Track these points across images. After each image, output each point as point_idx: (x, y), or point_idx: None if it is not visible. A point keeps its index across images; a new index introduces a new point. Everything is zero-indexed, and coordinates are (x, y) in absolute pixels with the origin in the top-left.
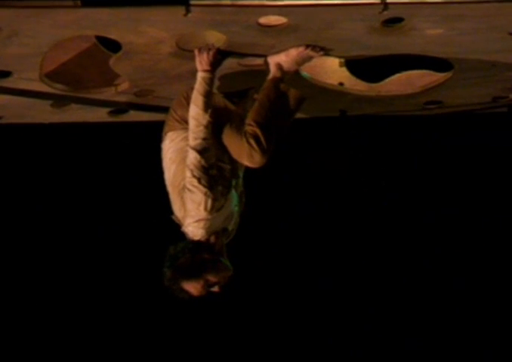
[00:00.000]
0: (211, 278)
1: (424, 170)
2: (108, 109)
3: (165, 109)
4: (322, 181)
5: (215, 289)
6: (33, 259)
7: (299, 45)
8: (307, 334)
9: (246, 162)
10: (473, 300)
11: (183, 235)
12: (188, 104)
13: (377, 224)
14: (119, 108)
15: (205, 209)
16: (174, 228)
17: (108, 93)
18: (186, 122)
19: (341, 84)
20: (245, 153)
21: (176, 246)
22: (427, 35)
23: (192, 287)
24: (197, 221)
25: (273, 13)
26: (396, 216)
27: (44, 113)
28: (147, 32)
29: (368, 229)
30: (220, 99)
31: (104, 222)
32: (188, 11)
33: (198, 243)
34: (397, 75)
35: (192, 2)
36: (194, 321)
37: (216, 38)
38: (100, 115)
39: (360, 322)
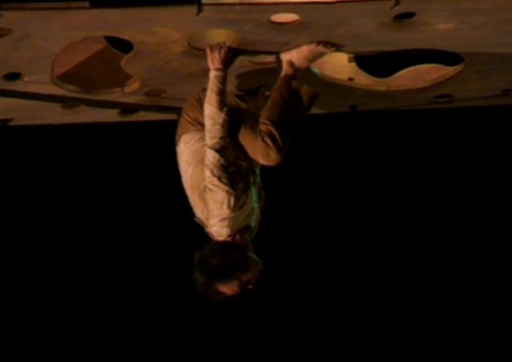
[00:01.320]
0: (245, 276)
1: (434, 164)
2: (118, 109)
3: (176, 109)
4: (332, 177)
5: (249, 286)
6: (43, 259)
7: (311, 42)
8: (320, 332)
9: (262, 160)
10: (476, 298)
11: (207, 236)
12: (200, 106)
13: (387, 219)
14: (130, 108)
15: (228, 207)
16: (186, 228)
17: (119, 94)
18: (200, 123)
19: (351, 79)
20: (261, 152)
21: (202, 250)
22: (438, 29)
23: (228, 288)
24: (221, 220)
25: (285, 11)
26: (404, 211)
27: (54, 114)
28: (159, 32)
29: (377, 225)
30: (231, 98)
31: (114, 221)
32: (200, 10)
33: (224, 243)
34: (407, 70)
35: (203, 1)
36: (203, 319)
37: (228, 36)
38: (111, 115)
39: (370, 319)
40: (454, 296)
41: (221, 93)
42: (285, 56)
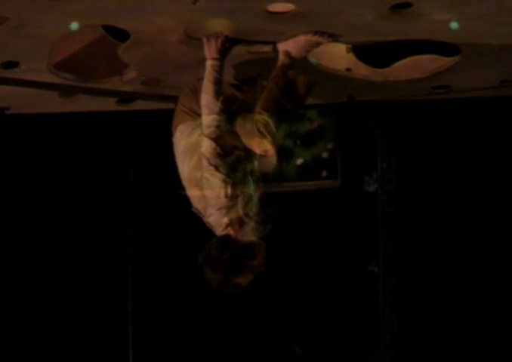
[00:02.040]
0: (255, 262)
1: (432, 154)
2: (116, 98)
3: (173, 98)
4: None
5: (261, 269)
6: (40, 250)
7: (307, 32)
8: (317, 331)
9: (256, 150)
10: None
11: (205, 226)
12: (195, 96)
13: (386, 213)
14: (127, 97)
15: (226, 196)
16: (183, 218)
17: (116, 83)
18: (195, 113)
19: (349, 69)
20: (256, 141)
21: (206, 250)
22: (435, 20)
23: (245, 278)
24: (218, 209)
25: (282, 0)
26: (403, 203)
27: (52, 103)
28: (156, 21)
29: (376, 218)
30: (227, 88)
31: (111, 210)
32: None
33: (225, 237)
34: (405, 60)
35: None
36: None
37: (224, 25)
38: (108, 104)
39: (369, 317)
40: (454, 294)
41: (218, 83)
42: (282, 46)
